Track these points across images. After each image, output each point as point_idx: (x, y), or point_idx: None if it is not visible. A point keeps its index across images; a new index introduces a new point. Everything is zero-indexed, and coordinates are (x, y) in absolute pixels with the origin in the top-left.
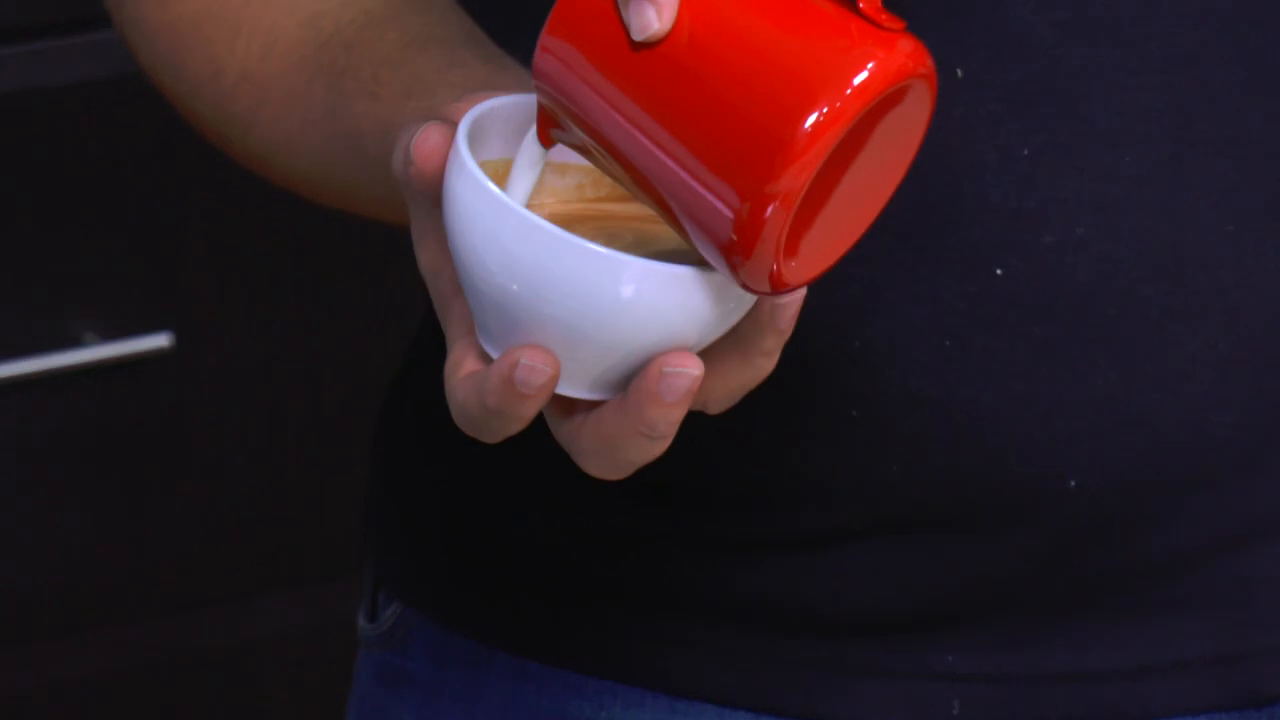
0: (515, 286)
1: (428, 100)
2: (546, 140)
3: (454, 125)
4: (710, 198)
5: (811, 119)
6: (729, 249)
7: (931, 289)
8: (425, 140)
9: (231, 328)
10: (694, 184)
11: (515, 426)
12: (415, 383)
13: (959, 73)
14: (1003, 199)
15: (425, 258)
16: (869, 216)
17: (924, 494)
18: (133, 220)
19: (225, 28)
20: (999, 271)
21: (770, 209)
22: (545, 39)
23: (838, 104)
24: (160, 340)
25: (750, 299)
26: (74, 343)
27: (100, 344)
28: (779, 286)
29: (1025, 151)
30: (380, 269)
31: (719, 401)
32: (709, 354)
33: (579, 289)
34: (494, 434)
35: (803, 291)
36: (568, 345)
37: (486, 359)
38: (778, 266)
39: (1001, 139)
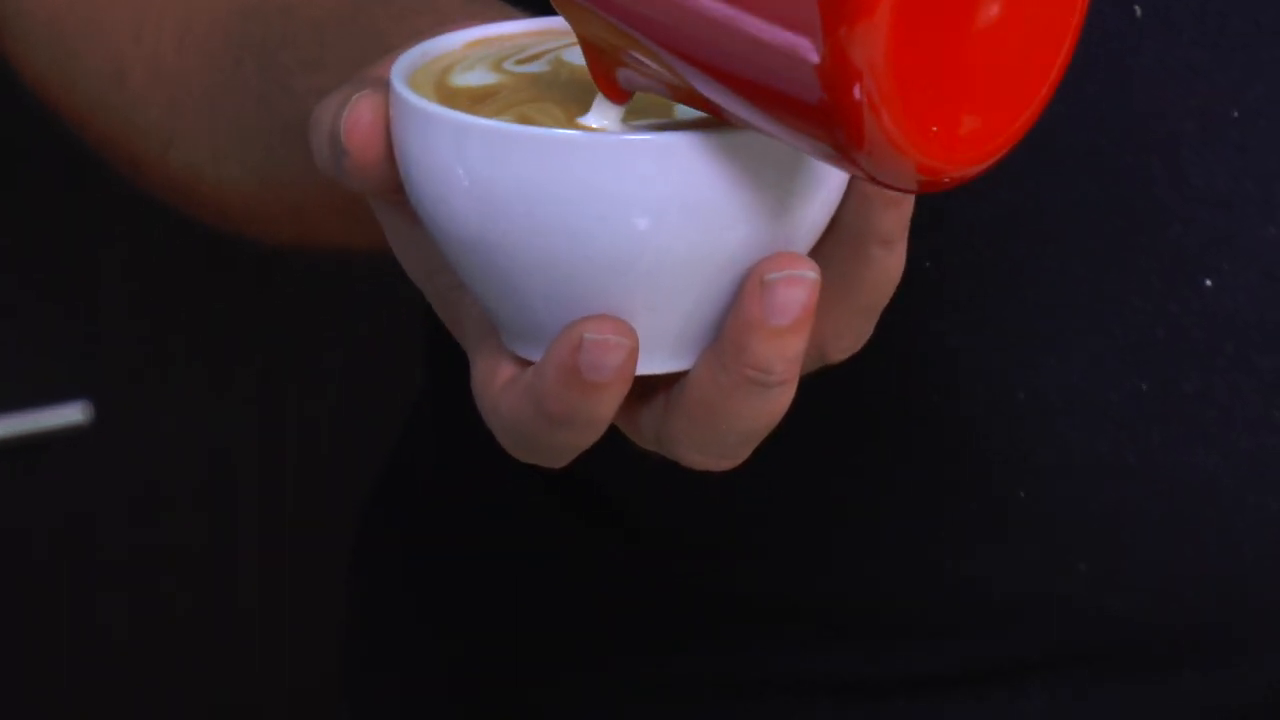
0: (528, 234)
1: (387, 63)
2: (617, 93)
3: (384, 86)
4: (780, 46)
5: None
6: (824, 118)
7: (1118, 312)
8: (356, 120)
9: (162, 398)
10: (757, 36)
11: (590, 436)
12: (405, 489)
13: (1138, 10)
14: (1207, 181)
15: (410, 260)
16: (1045, 69)
17: (1127, 606)
18: (37, 265)
19: (128, 10)
20: (1208, 282)
21: (856, 29)
22: None
23: None
24: (73, 412)
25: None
26: None
27: None
28: (926, 167)
29: (1235, 113)
30: (359, 324)
31: (839, 334)
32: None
33: (625, 202)
34: (562, 452)
35: None
36: (630, 296)
37: (524, 363)
38: (903, 130)
39: (1202, 97)
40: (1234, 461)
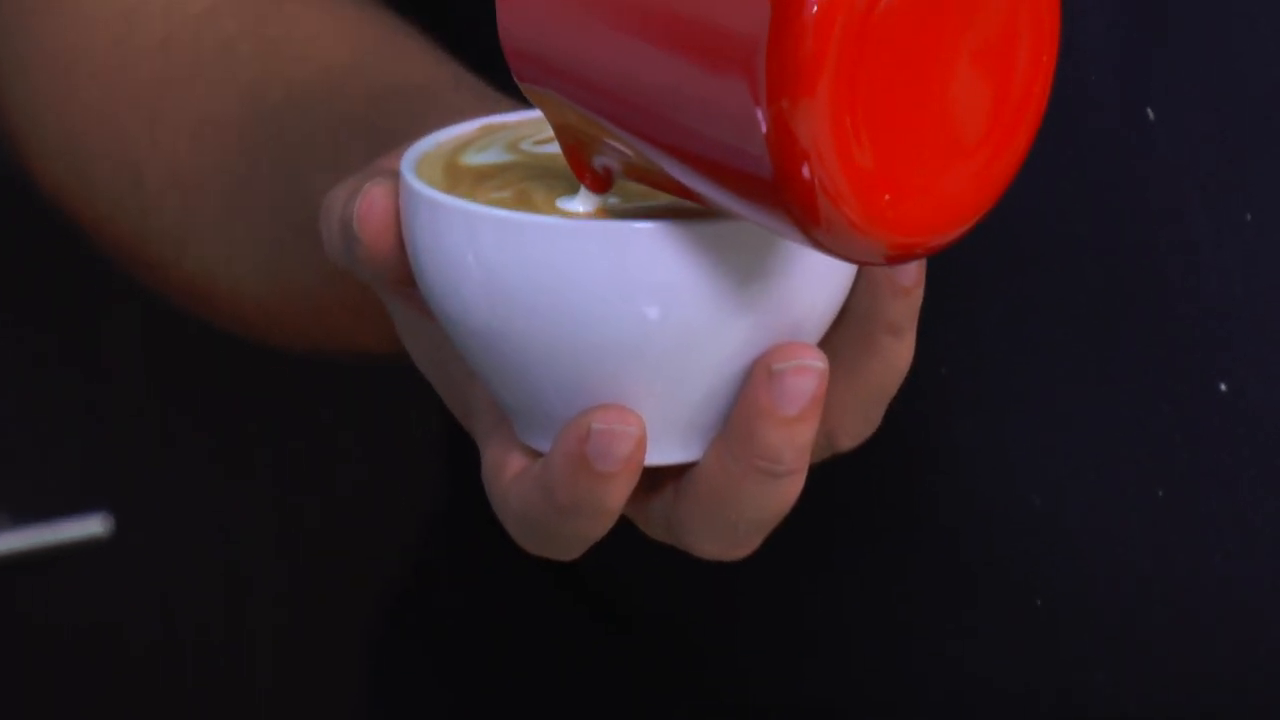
0: (538, 322)
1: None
2: (595, 182)
3: (394, 175)
4: (731, 119)
5: None
6: (778, 196)
7: (1135, 418)
8: (369, 208)
9: (184, 509)
10: (711, 109)
11: (600, 527)
12: (423, 592)
13: (1150, 113)
14: (1222, 283)
15: (419, 351)
16: (1016, 126)
17: (1143, 712)
18: (51, 366)
19: (141, 114)
20: (1223, 387)
21: (798, 105)
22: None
23: None
24: (91, 525)
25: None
26: None
27: (12, 529)
28: (891, 242)
29: (1248, 216)
30: (384, 435)
31: (848, 422)
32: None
33: (631, 289)
34: (572, 544)
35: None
36: (638, 385)
37: (535, 455)
38: (859, 208)
39: (1215, 200)
40: (1252, 566)
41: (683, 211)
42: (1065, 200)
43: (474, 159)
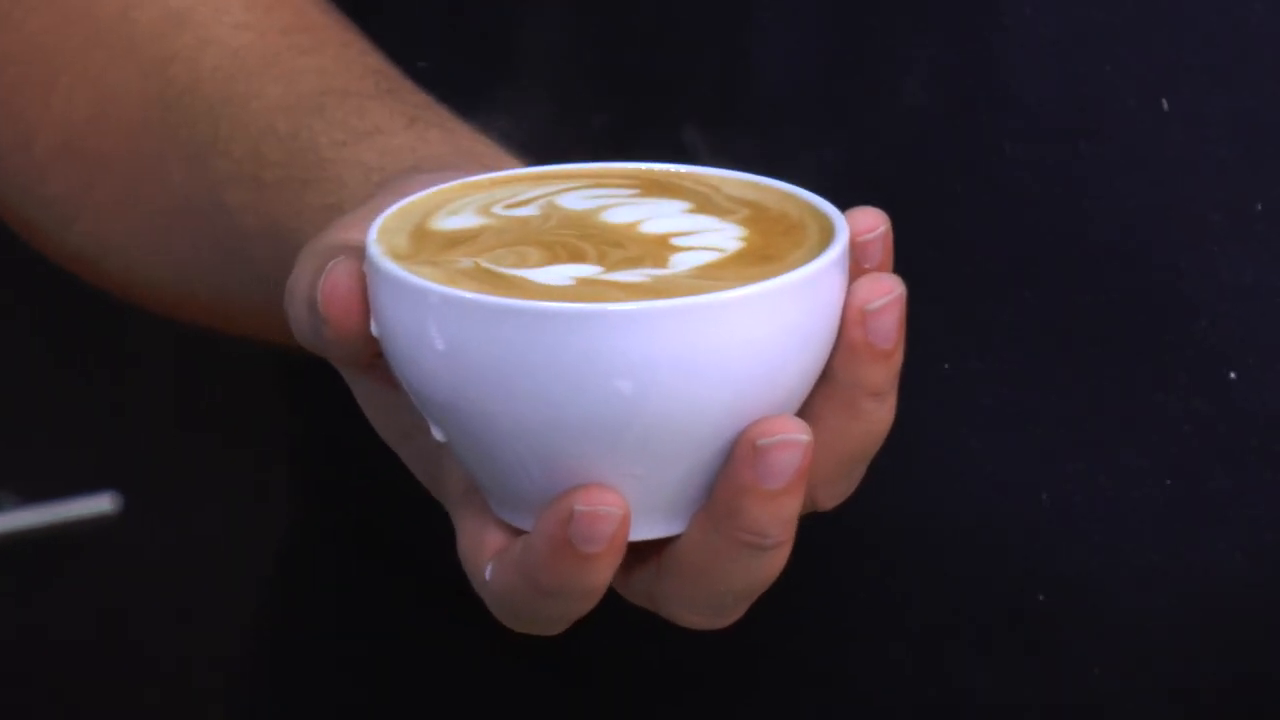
0: (511, 403)
1: (336, 195)
2: None
3: (358, 251)
4: None
5: None
6: None
7: (1145, 409)
8: (333, 288)
9: (194, 488)
10: None
11: (585, 605)
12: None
13: (1165, 103)
14: (1233, 274)
15: (382, 421)
16: None
17: (1141, 714)
18: (62, 350)
19: (35, 71)
20: (1233, 375)
21: None
22: None
23: None
24: (101, 503)
25: (830, 311)
26: None
27: (22, 508)
28: None
29: (1259, 206)
30: None
31: (830, 482)
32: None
33: (605, 371)
34: (557, 622)
35: (898, 293)
36: (617, 463)
37: (510, 529)
38: None
39: (1227, 191)
40: (1261, 560)
41: (656, 289)
42: (1077, 188)
43: (444, 223)
